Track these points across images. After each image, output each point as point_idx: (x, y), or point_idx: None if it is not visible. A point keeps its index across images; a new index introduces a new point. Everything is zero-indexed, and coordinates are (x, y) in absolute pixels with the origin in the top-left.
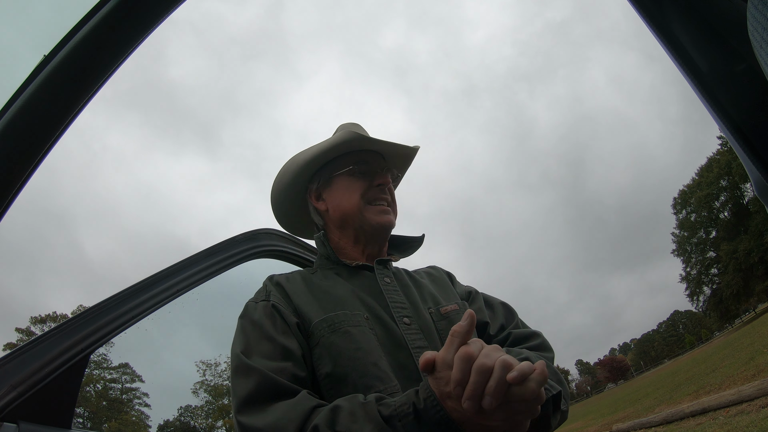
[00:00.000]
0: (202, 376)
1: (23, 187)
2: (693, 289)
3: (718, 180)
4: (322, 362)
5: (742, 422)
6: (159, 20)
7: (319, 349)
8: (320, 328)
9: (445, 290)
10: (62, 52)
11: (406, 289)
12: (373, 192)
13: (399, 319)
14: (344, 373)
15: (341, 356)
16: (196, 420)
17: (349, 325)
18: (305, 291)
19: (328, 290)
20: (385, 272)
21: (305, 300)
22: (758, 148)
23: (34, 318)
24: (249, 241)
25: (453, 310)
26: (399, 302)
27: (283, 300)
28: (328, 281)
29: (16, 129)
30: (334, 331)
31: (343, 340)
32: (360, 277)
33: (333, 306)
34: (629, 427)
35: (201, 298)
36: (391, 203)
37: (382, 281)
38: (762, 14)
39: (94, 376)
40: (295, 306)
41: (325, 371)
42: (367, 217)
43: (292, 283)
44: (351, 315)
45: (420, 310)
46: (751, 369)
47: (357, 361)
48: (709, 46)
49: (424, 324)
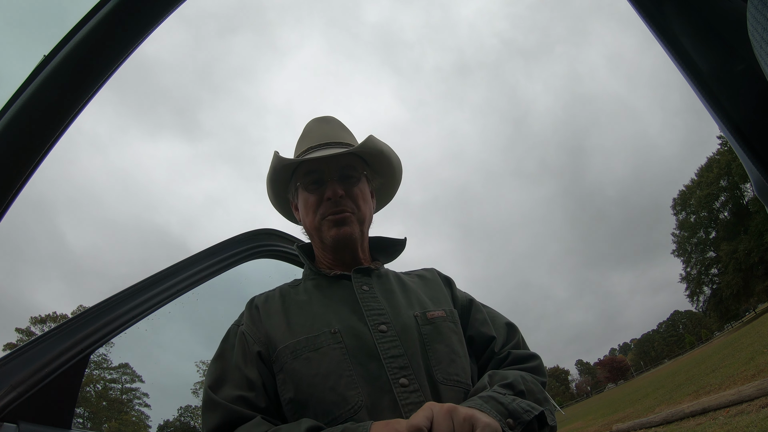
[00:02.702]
0: (202, 377)
1: (24, 187)
2: (693, 289)
3: (718, 180)
4: (285, 388)
5: (742, 422)
6: (159, 20)
7: (283, 374)
8: (284, 355)
9: (437, 294)
10: (62, 52)
11: (389, 294)
12: (324, 206)
13: (374, 327)
14: (304, 399)
15: (301, 383)
16: (196, 420)
17: (310, 350)
18: (279, 311)
19: (303, 307)
20: (363, 280)
21: (276, 322)
22: (758, 148)
23: (34, 318)
24: (249, 241)
25: (439, 316)
26: (376, 309)
27: (252, 326)
28: (306, 295)
29: (16, 129)
30: (296, 358)
31: (303, 367)
32: (338, 286)
33: (300, 327)
34: (629, 427)
35: (201, 298)
36: (354, 210)
37: (359, 290)
38: (762, 14)
39: (94, 377)
40: (265, 331)
41: (288, 396)
42: (323, 232)
43: (269, 303)
44: (314, 338)
45: (401, 316)
46: (751, 369)
47: (314, 387)
48: (709, 46)
49: (404, 329)
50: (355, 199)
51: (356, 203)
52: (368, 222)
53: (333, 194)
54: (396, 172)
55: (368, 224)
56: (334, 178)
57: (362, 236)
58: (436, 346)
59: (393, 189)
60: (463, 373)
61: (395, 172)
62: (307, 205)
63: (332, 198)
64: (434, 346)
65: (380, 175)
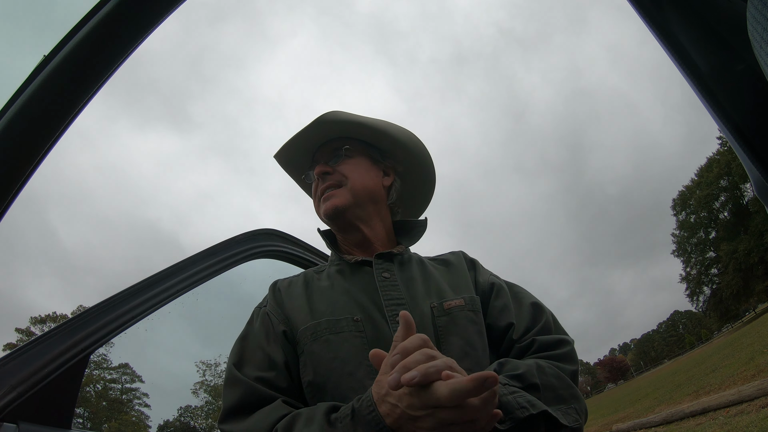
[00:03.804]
0: (202, 377)
1: (23, 187)
2: (693, 289)
3: (717, 180)
4: (305, 370)
5: (742, 422)
6: (159, 20)
7: (303, 357)
8: (304, 336)
9: (459, 281)
10: (62, 52)
11: (410, 282)
12: (315, 187)
13: (392, 318)
14: (323, 383)
15: (320, 365)
16: (195, 420)
17: (331, 332)
18: (302, 295)
19: (325, 293)
20: (385, 266)
21: (298, 305)
22: (758, 148)
23: (34, 318)
24: (249, 241)
25: (457, 305)
26: (396, 298)
27: (276, 307)
28: (329, 281)
29: (16, 129)
30: (315, 340)
31: (323, 349)
32: (360, 273)
33: (322, 312)
34: (629, 427)
35: (201, 298)
36: (342, 180)
37: (379, 277)
38: (762, 14)
39: (94, 377)
40: (286, 313)
41: (307, 379)
42: (320, 214)
43: (292, 287)
44: (335, 321)
45: (419, 305)
46: (751, 369)
47: (333, 371)
48: (709, 46)
49: (422, 320)
50: (344, 171)
51: (345, 174)
52: (369, 194)
53: (318, 171)
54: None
55: (370, 197)
56: (321, 160)
57: (360, 207)
58: (450, 338)
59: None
60: (477, 367)
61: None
62: (314, 195)
63: (317, 175)
64: (448, 338)
65: (395, 159)
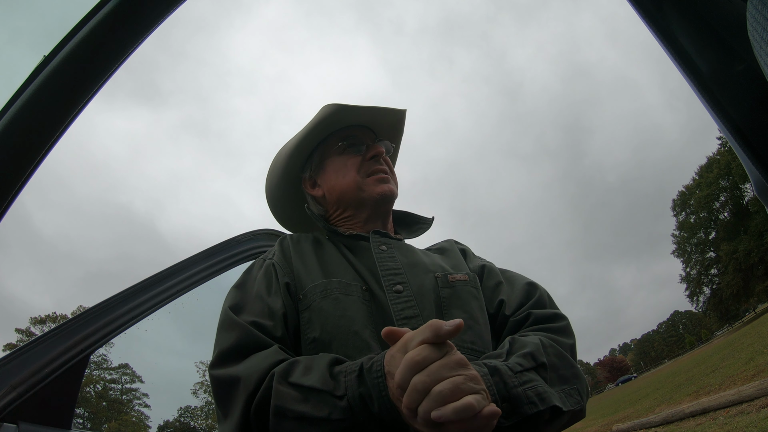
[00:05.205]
0: (202, 377)
1: (24, 187)
2: (693, 289)
3: (717, 180)
4: (311, 327)
5: (742, 422)
6: (159, 20)
7: (309, 313)
8: (313, 293)
9: (457, 263)
10: (62, 52)
11: (408, 254)
12: (368, 164)
13: (389, 287)
14: (328, 340)
15: (327, 322)
16: (195, 420)
17: (341, 292)
18: (311, 254)
19: (334, 257)
20: (382, 240)
21: (307, 262)
22: (758, 148)
23: (33, 319)
24: (249, 242)
25: (461, 280)
26: (392, 269)
27: (283, 260)
28: (335, 249)
29: (16, 129)
30: (325, 297)
31: (331, 306)
32: (356, 248)
33: (332, 273)
34: (629, 427)
35: (202, 298)
36: (391, 173)
37: (376, 249)
38: (762, 14)
39: (94, 377)
40: (293, 267)
41: (312, 336)
42: (366, 190)
43: (302, 243)
44: (346, 284)
45: (419, 276)
46: (751, 369)
47: (340, 329)
48: (709, 46)
49: (421, 291)
50: (391, 166)
51: (392, 170)
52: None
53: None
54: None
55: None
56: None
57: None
58: (453, 311)
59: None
60: (480, 340)
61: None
62: (346, 165)
63: (378, 155)
64: (452, 311)
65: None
